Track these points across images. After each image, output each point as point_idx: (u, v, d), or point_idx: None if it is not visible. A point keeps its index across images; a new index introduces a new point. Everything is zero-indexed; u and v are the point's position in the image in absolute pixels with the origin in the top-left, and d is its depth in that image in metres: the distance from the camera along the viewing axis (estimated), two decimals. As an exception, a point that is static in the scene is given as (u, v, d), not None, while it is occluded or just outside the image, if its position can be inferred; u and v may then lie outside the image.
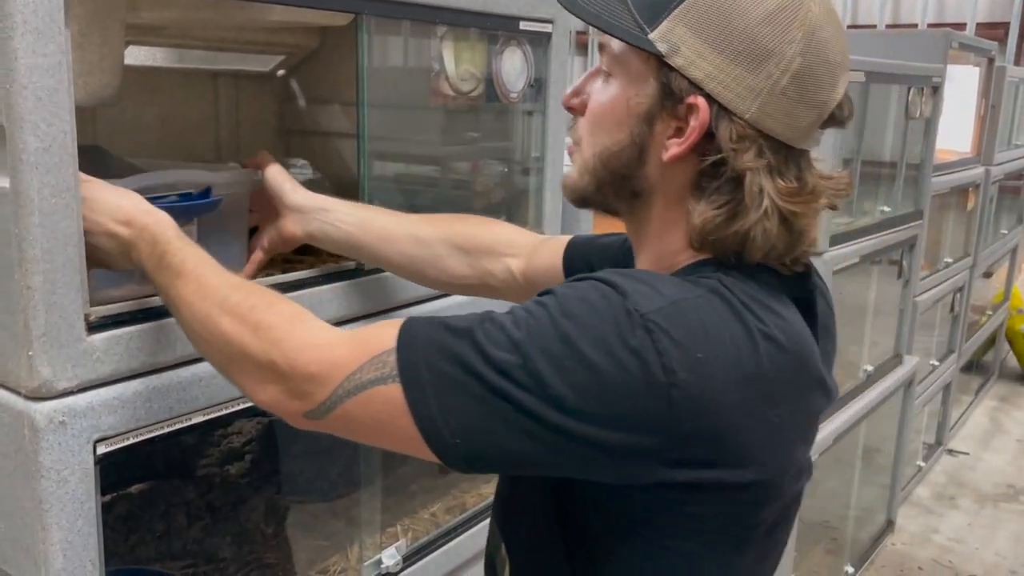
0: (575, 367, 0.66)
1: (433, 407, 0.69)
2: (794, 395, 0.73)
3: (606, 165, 0.79)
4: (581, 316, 0.68)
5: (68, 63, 0.80)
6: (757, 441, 0.70)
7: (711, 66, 0.71)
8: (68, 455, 0.84)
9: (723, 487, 0.70)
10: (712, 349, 0.67)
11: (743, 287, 0.73)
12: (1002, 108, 3.81)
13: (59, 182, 0.80)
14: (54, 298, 0.81)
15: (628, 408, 0.66)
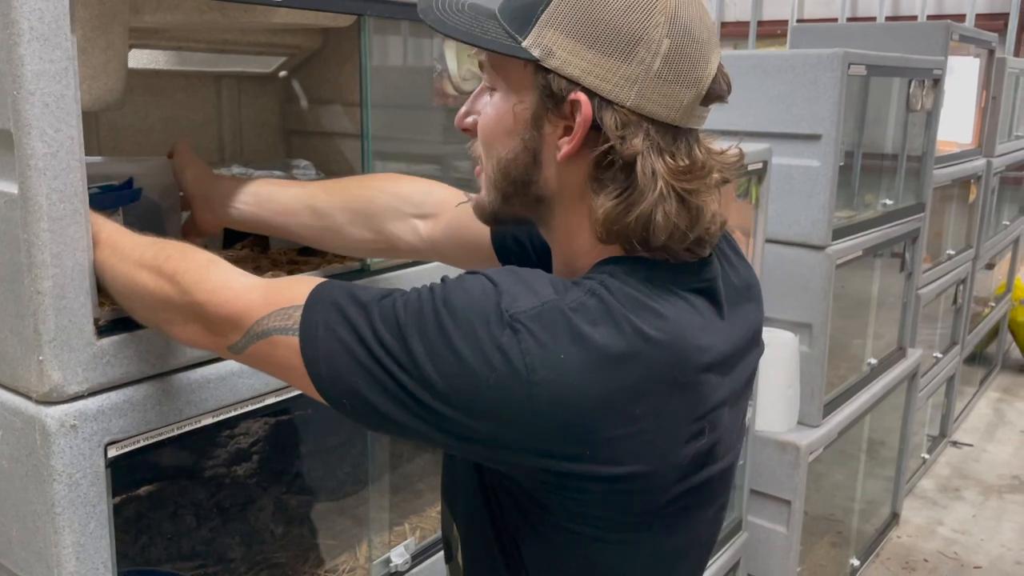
0: (446, 355, 0.70)
1: (323, 366, 0.74)
2: (672, 390, 0.74)
3: (505, 175, 0.81)
4: (458, 308, 0.71)
5: (75, 69, 0.80)
6: (627, 436, 0.72)
7: (585, 62, 0.74)
8: (79, 458, 0.85)
9: (597, 478, 0.72)
10: (575, 350, 0.70)
11: (625, 288, 0.74)
12: (1002, 99, 3.81)
13: (67, 187, 0.80)
14: (64, 302, 0.82)
15: (492, 401, 0.70)
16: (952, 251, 3.53)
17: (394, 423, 0.73)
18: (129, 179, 1.04)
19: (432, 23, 0.79)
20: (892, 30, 3.63)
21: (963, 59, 3.59)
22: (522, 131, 0.78)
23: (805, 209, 2.33)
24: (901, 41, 3.13)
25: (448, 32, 0.78)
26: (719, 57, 0.78)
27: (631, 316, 0.72)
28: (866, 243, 2.53)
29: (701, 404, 0.77)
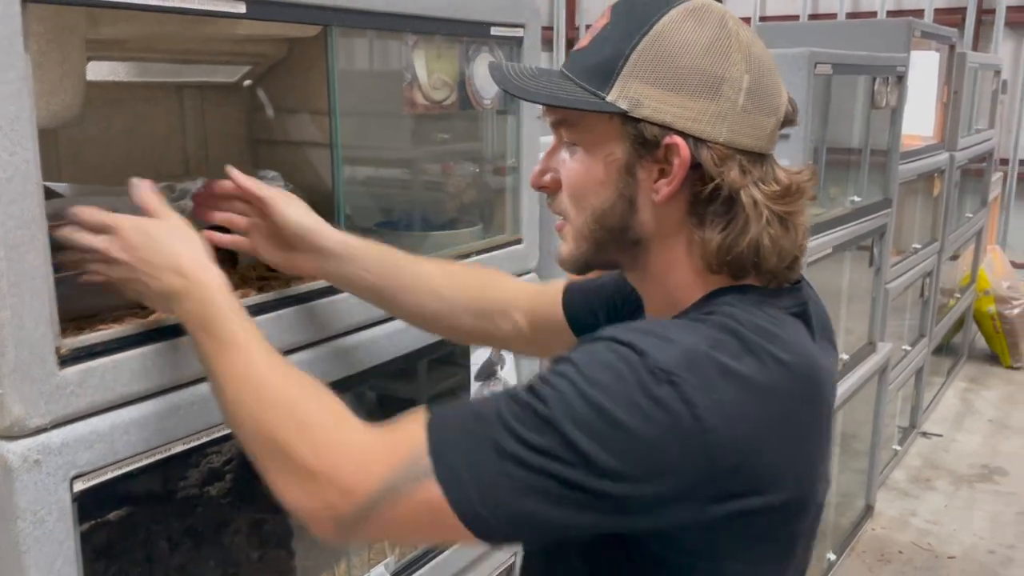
0: (611, 433, 0.68)
1: (475, 499, 0.70)
2: (808, 412, 0.78)
3: (602, 225, 0.83)
4: (606, 383, 0.70)
5: (29, 88, 0.77)
6: (785, 462, 0.75)
7: (675, 107, 0.77)
8: (44, 494, 0.81)
9: (764, 510, 0.74)
10: (732, 389, 0.71)
11: (748, 317, 0.77)
12: (963, 94, 3.85)
13: (24, 213, 0.77)
14: (23, 333, 0.78)
15: (669, 460, 0.69)
16: (918, 245, 3.57)
17: (574, 527, 0.71)
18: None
19: (515, 92, 0.83)
20: (855, 28, 3.66)
21: (923, 53, 3.62)
22: (615, 180, 0.81)
23: (775, 208, 2.33)
24: (863, 38, 3.15)
25: (534, 99, 0.82)
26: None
27: (766, 345, 0.75)
28: (835, 240, 2.55)
29: (825, 421, 0.81)
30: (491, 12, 1.29)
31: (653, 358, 0.70)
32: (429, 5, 1.17)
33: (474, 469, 0.70)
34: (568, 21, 8.33)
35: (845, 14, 6.90)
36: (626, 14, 0.81)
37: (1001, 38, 6.38)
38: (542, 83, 0.83)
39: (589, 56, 0.81)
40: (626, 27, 0.79)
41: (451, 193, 1.64)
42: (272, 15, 0.97)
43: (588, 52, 0.82)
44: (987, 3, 6.47)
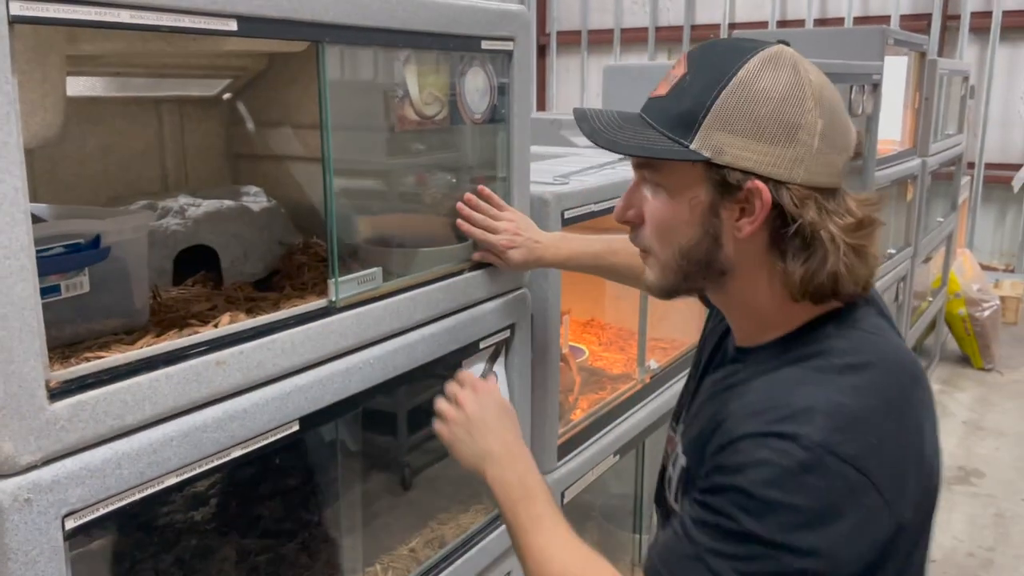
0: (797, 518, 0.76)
1: None
2: (919, 409, 0.87)
3: (689, 259, 0.90)
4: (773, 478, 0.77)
5: (17, 113, 0.74)
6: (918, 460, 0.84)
7: (755, 154, 0.84)
8: (36, 534, 0.78)
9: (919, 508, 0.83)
10: (874, 427, 0.80)
11: (849, 339, 0.87)
12: (933, 100, 3.90)
13: (12, 242, 0.74)
14: (12, 367, 0.75)
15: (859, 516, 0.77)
16: (893, 249, 3.61)
17: None
18: (96, 236, 0.97)
19: (607, 146, 0.90)
20: (829, 35, 3.69)
21: (891, 58, 3.66)
22: (701, 220, 0.88)
23: (757, 217, 2.33)
24: (837, 46, 3.18)
25: (626, 152, 0.89)
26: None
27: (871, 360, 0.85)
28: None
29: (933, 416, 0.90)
30: (481, 26, 1.27)
31: (806, 438, 0.78)
32: (420, 20, 1.15)
33: None
34: (539, 28, 8.35)
35: (813, 20, 6.98)
36: (705, 65, 0.88)
37: (966, 43, 6.49)
38: (628, 133, 0.89)
39: (671, 105, 0.88)
40: (706, 78, 0.86)
41: (428, 204, 1.62)
42: (263, 32, 0.95)
43: (669, 101, 0.89)
44: (952, 9, 6.57)
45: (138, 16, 0.81)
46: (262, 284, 1.39)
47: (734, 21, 7.35)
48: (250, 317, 1.07)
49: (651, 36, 7.71)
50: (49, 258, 0.93)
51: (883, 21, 6.65)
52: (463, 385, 1.14)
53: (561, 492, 1.63)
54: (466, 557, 1.42)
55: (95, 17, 0.78)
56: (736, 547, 0.78)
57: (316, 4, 1.00)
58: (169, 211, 1.38)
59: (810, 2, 6.97)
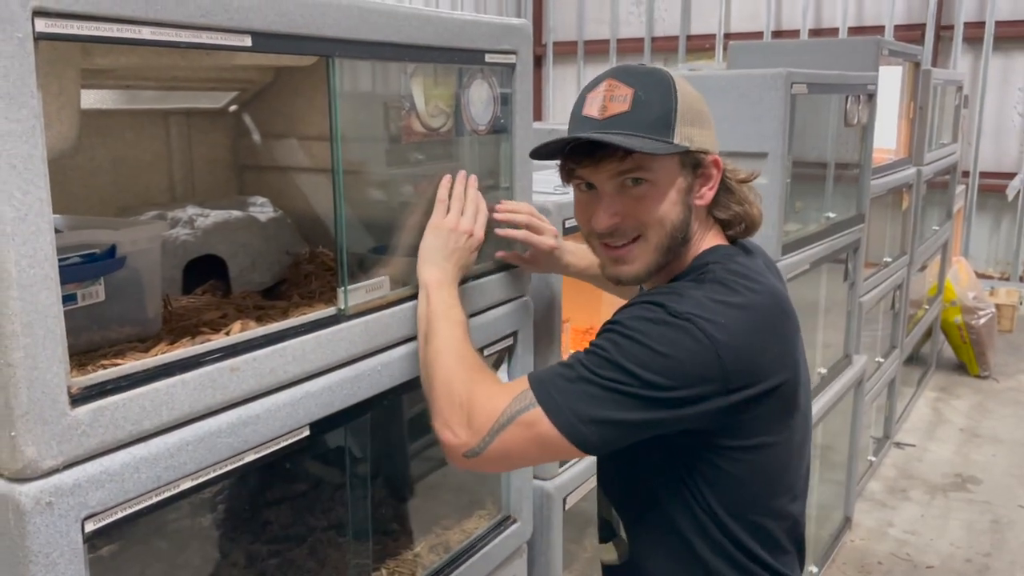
0: (653, 359, 1.02)
1: (568, 414, 1.03)
2: (781, 319, 1.13)
3: (675, 235, 1.14)
4: (644, 328, 1.05)
5: (41, 127, 0.76)
6: (773, 356, 1.08)
7: (706, 138, 1.15)
8: (56, 536, 0.80)
9: (766, 393, 1.07)
10: (728, 313, 1.05)
11: (727, 268, 1.12)
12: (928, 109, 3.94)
13: (37, 252, 0.76)
14: (36, 373, 0.77)
15: (696, 370, 1.03)
16: (889, 258, 3.64)
17: (635, 424, 1.03)
18: (112, 246, 0.99)
19: (634, 148, 1.07)
20: (823, 46, 3.73)
21: (886, 68, 3.70)
22: (682, 198, 1.14)
23: (755, 226, 2.36)
24: (832, 56, 3.21)
25: (656, 151, 1.09)
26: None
27: (742, 282, 1.09)
28: (813, 256, 2.59)
29: (796, 323, 1.16)
30: (485, 40, 1.30)
31: (673, 308, 1.05)
32: (427, 35, 1.18)
33: (565, 395, 1.04)
34: (536, 39, 8.39)
35: (807, 30, 7.03)
36: (647, 83, 1.12)
37: (960, 53, 6.55)
38: (639, 143, 1.08)
39: (642, 116, 1.10)
40: (659, 92, 1.11)
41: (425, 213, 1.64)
42: (276, 48, 0.97)
43: (637, 113, 1.10)
44: (945, 19, 6.63)
45: (159, 33, 0.83)
46: (269, 293, 1.41)
47: (729, 31, 7.41)
48: (261, 325, 1.10)
49: (647, 46, 7.76)
50: (67, 268, 0.96)
51: (877, 31, 6.71)
52: (470, 202, 1.29)
53: (562, 499, 1.65)
54: (470, 562, 1.43)
55: (117, 34, 0.80)
56: (600, 367, 1.03)
57: (327, 20, 1.02)
58: (179, 221, 1.40)
59: (805, 12, 7.02)
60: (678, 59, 7.59)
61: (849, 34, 6.83)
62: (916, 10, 6.72)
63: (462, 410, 1.07)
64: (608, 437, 1.04)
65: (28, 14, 0.73)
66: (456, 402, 1.08)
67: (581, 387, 1.03)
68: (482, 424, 1.05)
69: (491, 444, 1.05)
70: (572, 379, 1.04)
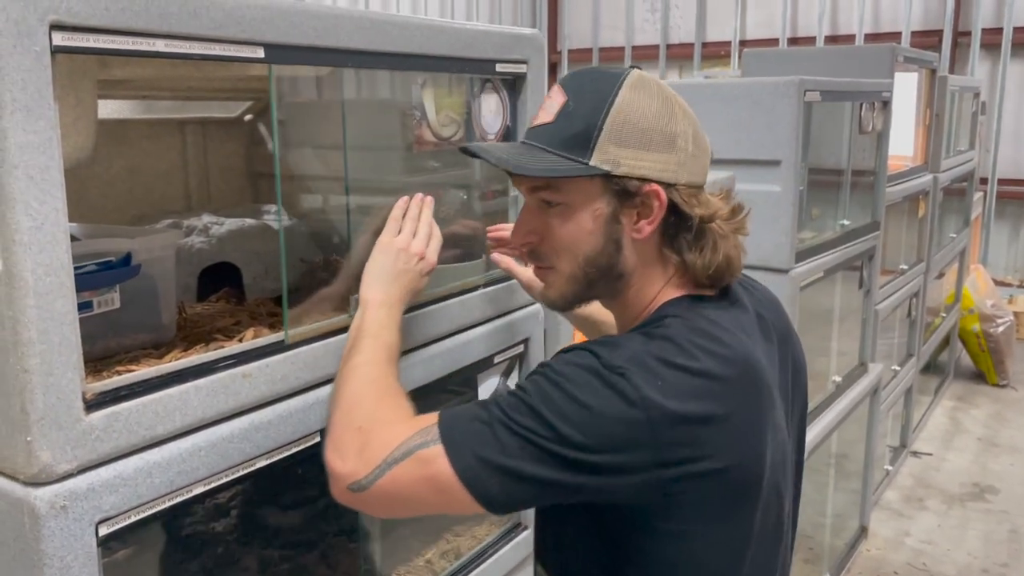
0: (576, 412, 0.89)
1: (471, 460, 0.89)
2: (748, 396, 0.96)
3: (594, 266, 1.01)
4: (573, 376, 0.91)
5: (58, 138, 0.77)
6: (728, 434, 0.92)
7: (647, 162, 0.97)
8: (70, 540, 0.81)
9: (707, 473, 0.91)
10: (671, 376, 0.91)
11: (684, 325, 0.96)
12: (944, 116, 3.92)
13: (53, 261, 0.77)
14: (51, 379, 0.78)
15: (621, 433, 0.88)
16: (905, 265, 3.62)
17: (544, 483, 0.89)
18: (127, 254, 1.01)
19: (515, 169, 0.98)
20: (838, 53, 3.72)
21: (902, 75, 3.69)
22: (603, 229, 0.99)
23: (768, 233, 2.36)
24: (847, 63, 3.20)
25: (539, 175, 0.98)
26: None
27: (703, 343, 0.93)
28: (827, 264, 2.58)
29: (770, 399, 0.99)
30: (496, 50, 1.31)
31: (606, 358, 0.91)
32: (438, 45, 1.19)
33: (471, 436, 0.90)
34: (551, 46, 8.42)
35: (823, 37, 7.01)
36: (583, 92, 0.98)
37: (977, 60, 6.51)
38: (530, 158, 0.98)
39: (561, 129, 0.98)
40: (590, 103, 0.97)
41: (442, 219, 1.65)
42: (289, 59, 0.99)
43: (558, 126, 0.98)
44: (963, 25, 6.59)
45: (172, 45, 0.85)
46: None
47: (745, 38, 7.40)
48: (274, 332, 1.11)
49: (662, 53, 7.76)
50: (83, 275, 0.97)
51: (894, 37, 6.68)
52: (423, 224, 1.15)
53: (575, 505, 1.65)
54: (480, 568, 1.44)
55: (132, 47, 0.82)
56: (518, 412, 0.90)
57: (339, 31, 1.04)
58: (194, 229, 1.42)
59: (821, 19, 7.00)
60: (693, 66, 7.59)
61: (866, 41, 6.80)
62: (933, 16, 6.69)
63: (358, 435, 0.94)
64: (512, 492, 0.90)
65: (46, 28, 0.75)
66: (354, 425, 0.95)
67: (491, 430, 0.90)
68: (375, 454, 0.92)
69: (380, 479, 0.91)
70: (484, 420, 0.91)
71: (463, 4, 7.64)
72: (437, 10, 7.35)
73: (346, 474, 0.92)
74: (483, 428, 0.90)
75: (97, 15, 0.79)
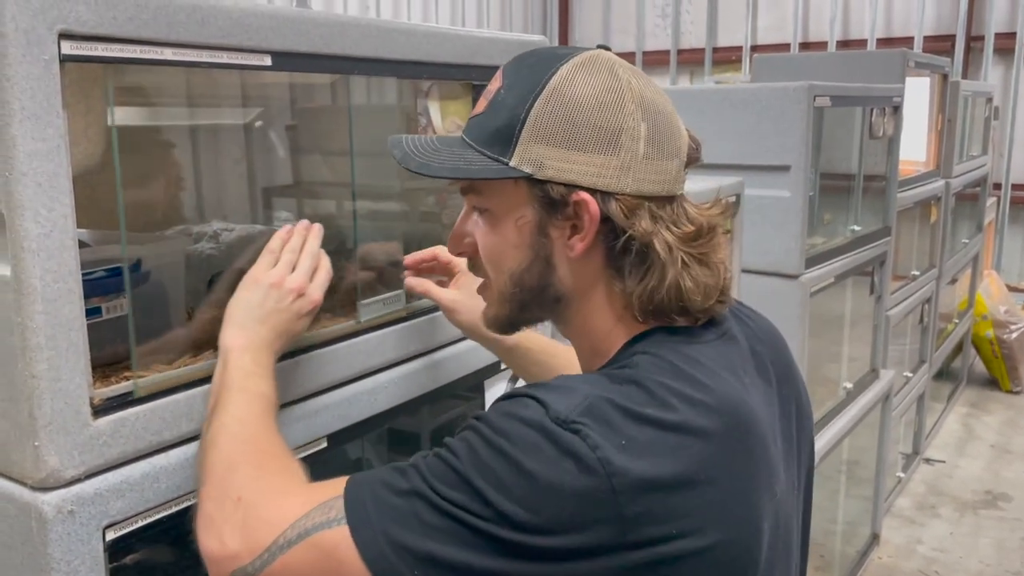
0: (518, 482, 0.69)
1: (382, 544, 0.71)
2: (735, 453, 0.75)
3: (521, 285, 0.84)
4: (513, 433, 0.71)
5: (67, 145, 0.78)
6: (711, 503, 0.72)
7: (577, 165, 0.78)
8: (78, 544, 0.82)
9: (687, 555, 0.71)
10: (638, 430, 0.71)
11: (657, 365, 0.77)
12: (957, 122, 3.90)
13: (61, 267, 0.78)
14: (59, 385, 0.79)
15: (577, 508, 0.68)
16: (917, 271, 3.60)
17: (480, 572, 0.69)
18: (137, 260, 1.02)
19: (417, 169, 0.83)
20: (849, 58, 3.71)
21: (914, 79, 3.68)
22: (530, 242, 0.82)
23: (778, 239, 2.36)
24: (858, 68, 3.20)
25: (436, 174, 0.82)
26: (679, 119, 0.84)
27: (676, 387, 0.74)
28: (837, 269, 2.57)
29: (764, 456, 0.79)
30: (503, 57, 1.30)
31: (555, 409, 0.71)
32: (444, 52, 1.20)
33: (384, 512, 0.71)
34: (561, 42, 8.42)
35: (835, 41, 7.00)
36: (518, 75, 0.81)
37: (990, 64, 6.47)
38: (444, 156, 0.83)
39: (487, 122, 0.82)
40: (519, 90, 0.80)
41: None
42: (296, 67, 1.00)
43: (486, 117, 0.82)
44: (976, 30, 6.56)
45: (180, 53, 0.86)
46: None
47: (756, 43, 7.38)
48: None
49: (673, 59, 7.76)
50: (92, 281, 0.98)
51: (906, 42, 6.65)
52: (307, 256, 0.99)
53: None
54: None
55: (140, 55, 0.83)
56: (444, 485, 0.71)
57: (345, 39, 1.05)
58: (204, 236, 1.43)
59: (832, 24, 6.99)
60: (704, 72, 7.58)
61: (878, 45, 6.78)
62: (946, 20, 6.66)
63: (237, 509, 0.77)
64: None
65: (54, 37, 0.76)
66: (232, 497, 0.78)
67: (410, 504, 0.71)
68: (262, 536, 0.75)
69: (270, 566, 0.74)
70: (401, 491, 0.72)
71: (474, 11, 7.66)
72: (448, 16, 7.38)
73: (225, 558, 0.76)
74: (400, 503, 0.71)
75: (105, 24, 0.80)
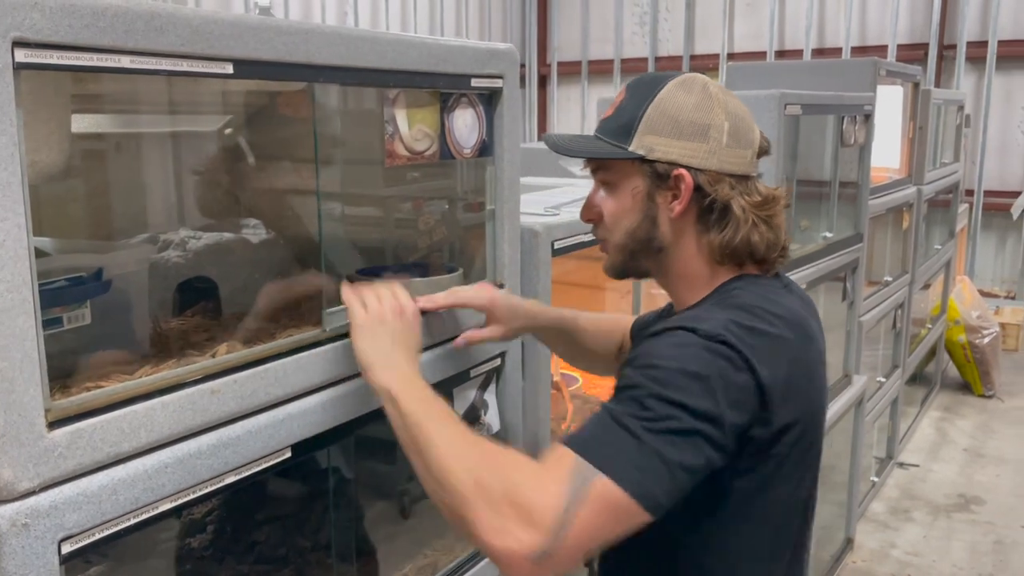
0: (695, 385, 0.95)
1: (634, 472, 0.91)
2: (807, 351, 1.09)
3: (634, 238, 1.14)
4: (678, 355, 0.98)
5: (21, 153, 0.77)
6: (800, 387, 1.05)
7: (677, 149, 1.10)
8: (32, 558, 0.81)
9: (792, 424, 1.02)
10: (757, 340, 1.01)
11: (752, 295, 1.08)
12: (928, 129, 3.95)
13: (14, 277, 0.77)
14: (12, 396, 0.78)
15: (738, 394, 0.97)
16: (889, 277, 3.63)
17: (694, 470, 0.93)
18: (99, 269, 1.01)
19: (565, 152, 1.14)
20: (822, 67, 3.74)
21: (886, 87, 3.72)
22: (641, 206, 1.12)
23: (750, 246, 2.36)
24: (831, 77, 3.22)
25: (578, 154, 1.15)
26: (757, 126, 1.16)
27: (769, 309, 1.05)
28: (810, 276, 2.59)
29: (823, 357, 1.13)
30: (471, 65, 1.31)
31: (703, 330, 0.99)
32: (410, 60, 1.19)
33: (621, 452, 0.91)
34: (540, 59, 8.46)
35: (811, 49, 7.06)
36: (637, 90, 1.13)
37: (963, 73, 6.56)
38: (583, 145, 1.15)
39: (614, 121, 1.14)
40: (637, 99, 1.12)
41: (423, 231, 1.66)
42: (258, 75, 0.99)
43: (613, 119, 1.14)
44: (948, 39, 6.65)
45: (138, 61, 0.85)
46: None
47: (732, 51, 7.44)
48: (247, 347, 1.11)
49: (651, 66, 7.80)
50: (52, 291, 0.97)
51: (880, 51, 6.73)
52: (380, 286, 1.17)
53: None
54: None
55: (97, 63, 0.82)
56: (643, 409, 0.93)
57: (309, 46, 1.04)
58: (170, 244, 1.42)
59: (808, 32, 7.05)
60: (682, 79, 7.62)
61: (852, 54, 6.85)
62: (919, 29, 6.75)
63: (513, 508, 0.88)
64: (671, 491, 0.92)
65: (8, 44, 0.75)
66: (503, 502, 0.89)
67: (631, 439, 0.91)
68: (544, 515, 0.87)
69: (567, 536, 0.87)
70: (617, 433, 0.92)
71: (452, 19, 7.67)
72: (427, 24, 7.38)
73: (526, 549, 0.87)
74: (629, 440, 0.92)
75: (61, 32, 0.79)
